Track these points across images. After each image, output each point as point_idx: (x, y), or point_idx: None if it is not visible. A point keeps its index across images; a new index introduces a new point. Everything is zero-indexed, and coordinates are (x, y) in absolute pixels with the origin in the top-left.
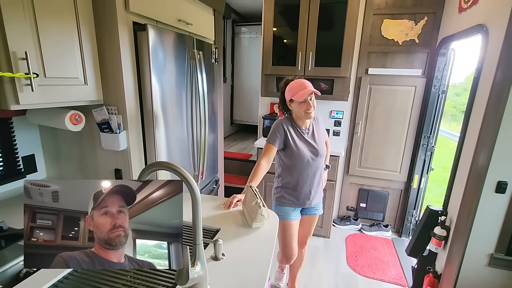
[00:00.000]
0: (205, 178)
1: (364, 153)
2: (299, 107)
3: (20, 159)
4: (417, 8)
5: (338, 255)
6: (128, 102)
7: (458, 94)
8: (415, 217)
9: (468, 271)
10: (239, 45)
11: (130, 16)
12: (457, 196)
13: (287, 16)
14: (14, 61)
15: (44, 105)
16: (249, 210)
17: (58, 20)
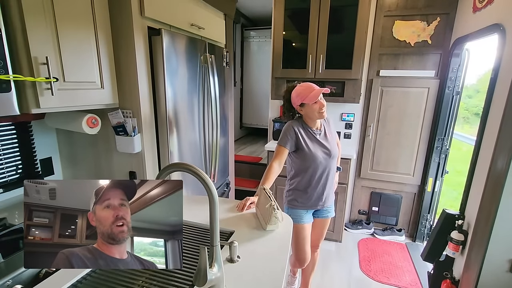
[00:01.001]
0: (217, 181)
1: (376, 156)
2: (312, 109)
3: (38, 162)
4: (429, 9)
5: (350, 259)
6: (142, 106)
7: (470, 96)
8: (429, 221)
9: (488, 277)
10: (248, 49)
11: (145, 21)
12: (475, 200)
13: (297, 20)
14: (35, 66)
15: (63, 108)
16: (263, 213)
17: (77, 26)
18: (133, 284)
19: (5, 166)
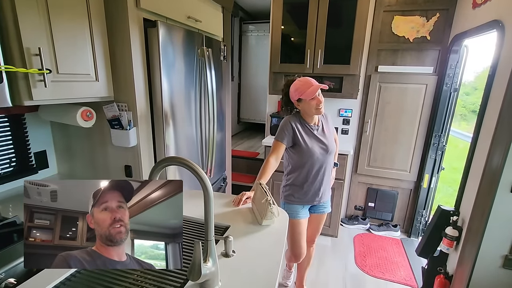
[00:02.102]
0: (213, 176)
1: (373, 152)
2: (309, 104)
3: (32, 155)
4: (429, 4)
5: (346, 254)
6: (138, 99)
7: (468, 93)
8: (425, 217)
9: (481, 273)
10: (246, 43)
11: (140, 13)
12: (470, 196)
13: (296, 14)
14: (27, 57)
15: (57, 101)
16: (258, 208)
17: (71, 16)
18: (128, 278)
19: None
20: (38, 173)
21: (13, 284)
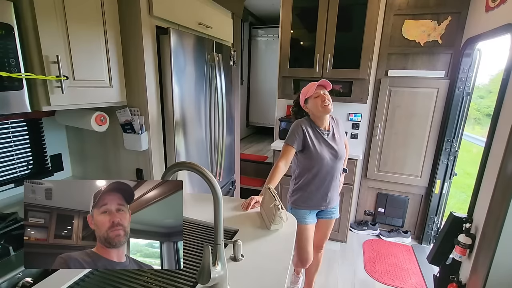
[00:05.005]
0: (222, 180)
1: (383, 156)
2: (315, 103)
3: (49, 158)
4: (440, 8)
5: (355, 260)
6: (150, 104)
7: (482, 97)
8: (436, 224)
9: (495, 281)
10: (256, 48)
11: (153, 21)
12: (484, 203)
13: (305, 19)
14: (46, 64)
15: (72, 106)
16: (267, 212)
17: (87, 26)
18: (138, 280)
19: (17, 162)
20: (53, 175)
21: (29, 283)
